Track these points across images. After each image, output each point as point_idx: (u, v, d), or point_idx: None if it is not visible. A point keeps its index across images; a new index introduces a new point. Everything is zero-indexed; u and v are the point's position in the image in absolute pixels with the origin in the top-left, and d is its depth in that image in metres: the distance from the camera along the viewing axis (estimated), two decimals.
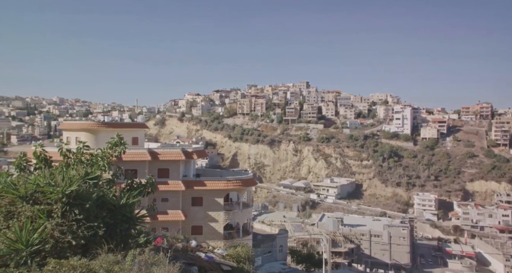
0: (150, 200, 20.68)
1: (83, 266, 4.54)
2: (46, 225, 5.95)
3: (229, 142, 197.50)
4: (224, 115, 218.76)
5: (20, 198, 6.46)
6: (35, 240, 5.48)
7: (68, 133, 42.59)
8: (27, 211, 6.24)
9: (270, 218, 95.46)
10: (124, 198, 8.04)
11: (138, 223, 8.02)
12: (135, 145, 41.10)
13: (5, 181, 7.14)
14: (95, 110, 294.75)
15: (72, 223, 6.22)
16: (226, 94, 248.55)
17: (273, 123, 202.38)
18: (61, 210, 6.28)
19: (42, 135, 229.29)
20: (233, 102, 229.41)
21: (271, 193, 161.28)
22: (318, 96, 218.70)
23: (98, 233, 6.40)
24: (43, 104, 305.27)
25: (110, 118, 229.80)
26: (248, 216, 44.07)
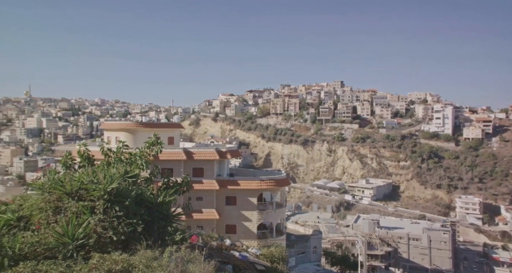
0: (185, 198, 21.14)
1: (124, 261, 4.72)
2: (90, 221, 6.24)
3: (262, 142, 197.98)
4: (257, 115, 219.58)
5: (67, 195, 6.81)
6: (80, 235, 5.77)
7: (109, 133, 44.49)
8: (72, 207, 6.58)
9: (304, 219, 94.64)
10: (161, 196, 8.27)
11: (174, 221, 8.22)
12: (171, 145, 42.19)
13: (53, 178, 7.56)
14: (134, 110, 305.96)
15: (113, 220, 6.48)
16: (259, 94, 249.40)
17: (307, 123, 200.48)
18: (103, 207, 6.57)
19: (85, 134, 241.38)
20: (266, 102, 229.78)
21: (304, 194, 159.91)
22: (353, 95, 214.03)
23: (137, 229, 6.63)
24: (86, 105, 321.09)
25: (148, 118, 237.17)
26: (281, 216, 43.95)
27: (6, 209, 7.38)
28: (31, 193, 8.67)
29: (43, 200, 6.91)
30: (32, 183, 8.17)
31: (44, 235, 5.84)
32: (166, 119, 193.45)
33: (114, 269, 4.52)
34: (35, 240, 5.60)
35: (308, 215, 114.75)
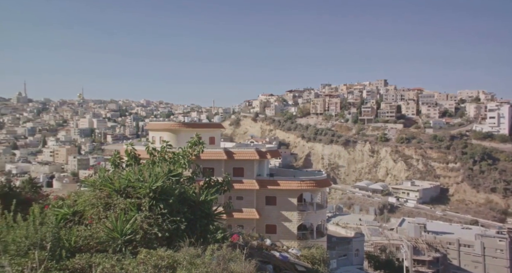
0: (226, 197, 21.41)
1: (170, 257, 4.89)
2: (136, 217, 6.52)
3: (302, 142, 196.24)
4: (297, 115, 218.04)
5: (115, 192, 7.17)
6: (128, 230, 6.05)
7: (153, 133, 46.28)
8: (121, 203, 6.91)
9: (345, 221, 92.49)
10: (203, 195, 8.44)
11: (215, 220, 8.36)
12: (212, 145, 43.04)
13: (103, 176, 8.00)
14: (176, 111, 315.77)
15: (158, 217, 6.72)
16: (299, 94, 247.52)
17: (348, 123, 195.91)
18: (148, 204, 6.84)
19: (131, 134, 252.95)
20: (306, 102, 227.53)
21: (346, 195, 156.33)
22: (397, 94, 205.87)
23: (180, 227, 6.82)
24: (133, 106, 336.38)
25: (190, 118, 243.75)
26: (322, 217, 43.30)
27: (63, 204, 7.91)
28: (84, 190, 9.23)
29: (94, 196, 7.33)
30: (85, 180, 8.69)
31: (95, 229, 6.20)
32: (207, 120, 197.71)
33: (160, 264, 4.69)
34: (88, 234, 5.95)
35: (350, 217, 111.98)
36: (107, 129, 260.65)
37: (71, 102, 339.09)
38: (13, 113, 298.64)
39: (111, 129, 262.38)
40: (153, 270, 4.61)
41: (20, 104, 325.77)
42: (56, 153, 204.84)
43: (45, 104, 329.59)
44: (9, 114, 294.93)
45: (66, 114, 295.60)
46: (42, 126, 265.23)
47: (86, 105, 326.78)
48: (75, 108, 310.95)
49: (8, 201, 6.95)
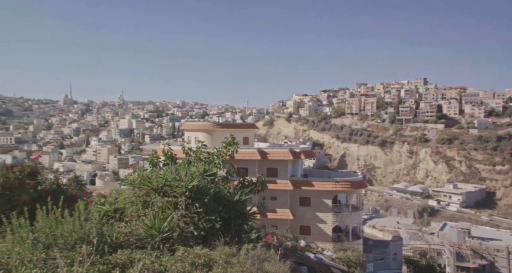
0: (260, 198, 21.41)
1: (206, 255, 4.98)
2: (173, 216, 6.70)
3: (337, 143, 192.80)
4: (332, 115, 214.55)
5: (153, 190, 7.40)
6: (165, 228, 6.23)
7: (189, 133, 47.32)
8: (158, 202, 7.13)
9: (382, 223, 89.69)
10: (237, 194, 8.52)
11: (250, 219, 8.41)
12: (245, 145, 43.30)
13: (142, 174, 8.29)
14: (211, 111, 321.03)
15: (194, 215, 6.86)
16: (334, 93, 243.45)
17: (385, 123, 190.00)
18: (184, 203, 6.99)
19: (168, 135, 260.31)
20: (341, 101, 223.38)
21: (382, 197, 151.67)
22: (437, 93, 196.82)
23: (215, 226, 6.93)
24: (169, 107, 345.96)
25: (224, 119, 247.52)
26: (358, 220, 42.30)
27: (105, 202, 8.30)
28: (124, 188, 9.61)
29: (134, 194, 7.60)
30: (125, 178, 9.04)
31: (135, 226, 6.44)
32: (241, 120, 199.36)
33: (197, 262, 4.78)
34: (128, 230, 6.19)
35: (387, 219, 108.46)
36: (145, 129, 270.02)
37: (112, 103, 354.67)
38: (60, 114, 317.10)
39: (149, 129, 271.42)
40: (190, 267, 4.71)
41: (67, 106, 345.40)
42: (98, 153, 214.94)
43: (89, 106, 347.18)
44: (57, 115, 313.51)
45: (108, 115, 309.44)
46: (86, 127, 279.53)
47: (126, 106, 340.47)
48: (115, 109, 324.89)
49: (57, 197, 7.37)
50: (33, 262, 4.08)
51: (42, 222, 5.89)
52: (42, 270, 3.85)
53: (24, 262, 4.05)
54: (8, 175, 11.97)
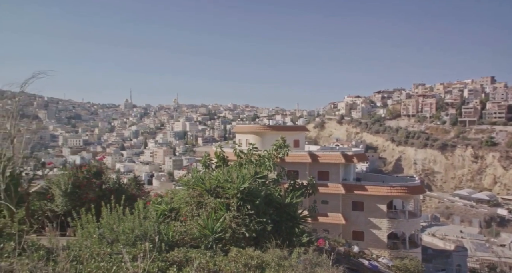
0: (311, 201, 21.09)
1: (259, 257, 5.02)
2: (225, 217, 6.84)
3: (392, 146, 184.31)
4: (386, 117, 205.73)
5: (206, 191, 7.63)
6: (217, 228, 6.39)
7: (240, 136, 48.09)
8: (211, 202, 7.33)
9: (443, 232, 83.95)
10: (288, 197, 8.48)
11: (301, 223, 8.33)
12: (296, 147, 43.01)
13: (196, 176, 8.58)
14: (261, 114, 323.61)
15: (245, 217, 6.95)
16: (388, 95, 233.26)
17: (445, 125, 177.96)
18: (236, 204, 7.11)
19: (219, 137, 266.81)
20: (396, 103, 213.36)
21: (443, 204, 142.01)
22: (508, 92, 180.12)
23: (267, 228, 6.96)
24: (221, 110, 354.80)
25: (274, 121, 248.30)
26: (415, 227, 40.05)
27: (161, 201, 8.71)
28: (179, 188, 10.01)
29: (188, 195, 7.89)
30: (180, 179, 9.42)
31: (189, 226, 6.68)
32: (291, 122, 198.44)
33: (250, 263, 4.83)
34: (183, 229, 6.44)
35: (448, 228, 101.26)
36: (198, 132, 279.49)
37: (168, 107, 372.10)
38: (122, 117, 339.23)
39: (202, 132, 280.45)
40: (244, 268, 4.78)
41: (127, 110, 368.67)
42: (155, 154, 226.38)
43: (146, 109, 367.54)
44: (119, 118, 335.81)
45: (163, 118, 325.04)
46: (144, 129, 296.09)
47: (180, 110, 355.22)
48: (171, 113, 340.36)
49: (119, 196, 7.90)
50: (101, 256, 4.41)
51: (107, 219, 6.34)
52: (108, 264, 4.13)
53: (93, 255, 4.39)
54: (77, 174, 13.05)
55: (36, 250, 3.89)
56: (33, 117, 18.80)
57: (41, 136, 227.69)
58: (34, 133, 14.54)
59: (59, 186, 12.61)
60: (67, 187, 12.50)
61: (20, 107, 12.94)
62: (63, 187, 12.54)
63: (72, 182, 12.70)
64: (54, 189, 12.73)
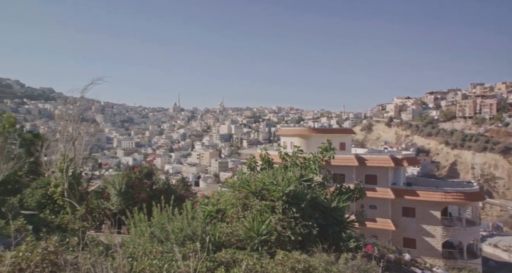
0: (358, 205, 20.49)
1: (305, 261, 4.96)
2: (271, 219, 6.84)
3: (446, 149, 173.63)
4: (440, 118, 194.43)
5: (252, 193, 7.68)
6: (263, 231, 6.41)
7: (285, 138, 47.97)
8: (257, 205, 7.36)
9: (507, 243, 77.40)
10: (334, 201, 8.31)
11: (348, 227, 8.11)
12: (342, 150, 42.05)
13: (241, 178, 8.68)
14: (306, 116, 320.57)
15: (291, 220, 6.90)
16: (442, 95, 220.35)
17: (508, 127, 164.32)
18: (281, 207, 7.09)
19: (264, 140, 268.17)
20: (451, 104, 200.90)
21: (506, 212, 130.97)
22: None
23: (313, 232, 6.85)
24: (265, 112, 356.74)
25: (319, 124, 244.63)
26: (474, 236, 37.35)
27: (208, 202, 8.92)
28: (225, 190, 10.18)
29: (234, 197, 8.00)
30: (225, 181, 9.59)
31: (235, 227, 6.76)
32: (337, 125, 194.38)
33: (297, 267, 4.79)
34: (229, 231, 6.54)
35: None
36: (243, 134, 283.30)
37: (214, 110, 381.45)
38: (170, 121, 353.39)
39: (247, 134, 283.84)
40: (290, 272, 4.74)
41: (175, 113, 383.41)
42: (202, 156, 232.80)
43: (193, 113, 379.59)
44: (167, 121, 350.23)
45: (209, 121, 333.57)
46: (191, 132, 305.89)
47: (226, 113, 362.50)
48: (216, 116, 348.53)
49: (168, 196, 8.22)
50: (153, 254, 4.61)
51: (157, 218, 6.61)
52: (160, 261, 4.31)
53: (146, 252, 4.61)
54: (130, 175, 13.80)
55: (96, 246, 4.17)
56: (91, 120, 20.13)
57: (98, 138, 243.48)
58: (92, 136, 15.60)
59: (114, 186, 13.41)
60: (121, 187, 13.26)
61: (80, 112, 13.97)
62: (117, 187, 13.32)
63: (126, 182, 13.45)
64: (110, 189, 13.56)
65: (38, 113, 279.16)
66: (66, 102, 18.02)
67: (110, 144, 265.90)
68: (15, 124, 21.68)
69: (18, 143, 20.94)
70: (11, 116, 22.06)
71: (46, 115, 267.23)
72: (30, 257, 3.21)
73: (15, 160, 14.12)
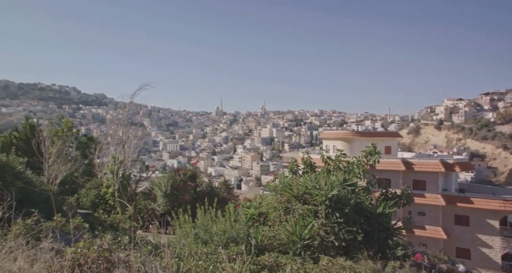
0: (405, 212, 19.63)
1: (351, 268, 4.85)
2: (314, 224, 6.76)
3: (504, 154, 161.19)
4: (497, 121, 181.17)
5: (294, 197, 7.64)
6: (306, 235, 6.34)
7: (327, 142, 47.20)
8: (299, 209, 7.31)
9: None
10: (380, 207, 8.03)
11: (395, 234, 7.81)
12: (388, 154, 40.57)
13: (283, 181, 8.67)
14: (349, 120, 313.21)
15: (334, 225, 6.77)
16: (499, 96, 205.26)
17: None
18: (324, 212, 6.97)
19: (306, 143, 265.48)
20: (509, 105, 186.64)
21: None
22: None
23: (357, 238, 6.67)
24: (307, 116, 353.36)
25: (363, 127, 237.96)
26: None
27: (250, 205, 9.00)
28: (267, 193, 10.21)
29: (276, 200, 8.01)
30: (267, 185, 9.62)
31: (277, 231, 6.76)
32: (382, 128, 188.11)
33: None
34: (271, 234, 6.55)
35: None
36: (284, 138, 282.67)
37: (255, 113, 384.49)
38: (213, 124, 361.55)
39: (288, 138, 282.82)
40: None
41: (218, 117, 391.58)
42: (244, 159, 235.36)
43: (235, 116, 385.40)
44: (210, 125, 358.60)
45: (251, 125, 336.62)
46: (233, 135, 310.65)
47: (267, 116, 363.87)
48: (258, 119, 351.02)
49: (211, 198, 8.39)
50: (198, 254, 4.74)
51: (201, 220, 6.78)
52: (206, 263, 4.41)
53: (191, 253, 4.75)
54: (175, 177, 14.30)
55: (145, 245, 4.37)
56: (139, 124, 21.13)
57: (146, 141, 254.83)
58: (140, 139, 16.30)
59: (160, 187, 13.96)
60: (167, 188, 13.77)
61: (130, 116, 14.71)
62: (163, 188, 13.85)
63: (171, 184, 13.96)
64: (156, 190, 14.13)
65: (92, 117, 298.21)
66: (116, 107, 19.06)
67: (156, 147, 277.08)
68: (72, 128, 23.32)
69: (75, 146, 22.45)
70: (69, 121, 23.77)
71: (99, 120, 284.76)
72: (87, 253, 3.44)
73: (72, 161, 15.15)
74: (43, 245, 3.49)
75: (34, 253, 3.40)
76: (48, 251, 3.43)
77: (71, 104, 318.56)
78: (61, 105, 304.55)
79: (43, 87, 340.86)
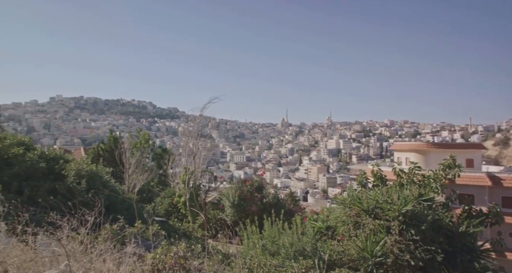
0: (494, 232, 17.68)
1: None
2: (386, 240, 6.39)
3: None
4: None
5: (364, 211, 7.32)
6: (378, 252, 6.01)
7: (399, 154, 44.57)
8: (369, 224, 6.98)
9: None
10: (463, 225, 7.35)
11: (482, 257, 7.05)
12: (470, 168, 37.03)
13: (352, 195, 8.37)
14: (423, 130, 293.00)
15: (409, 243, 6.33)
16: None
17: None
18: (398, 228, 6.57)
19: (375, 155, 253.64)
20: None
21: None
22: None
23: (436, 258, 6.15)
24: (376, 126, 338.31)
25: (440, 138, 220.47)
26: None
27: (317, 218, 8.82)
28: (335, 207, 9.94)
29: (345, 214, 7.74)
30: (335, 197, 9.36)
31: (347, 246, 6.51)
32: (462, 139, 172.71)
33: None
34: (340, 249, 6.33)
35: None
36: (352, 149, 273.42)
37: (321, 125, 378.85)
38: (278, 136, 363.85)
39: (356, 149, 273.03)
40: None
41: (283, 128, 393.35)
42: (310, 171, 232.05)
43: (301, 128, 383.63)
44: (276, 136, 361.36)
45: (317, 136, 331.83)
46: (299, 147, 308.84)
47: (334, 127, 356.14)
48: (324, 130, 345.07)
49: (278, 210, 8.40)
50: (267, 267, 4.77)
51: (268, 231, 6.81)
52: None
53: (261, 265, 4.80)
54: (242, 188, 14.62)
55: (216, 254, 4.53)
56: (208, 136, 22.07)
57: (214, 153, 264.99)
58: (209, 151, 16.99)
59: (228, 198, 14.36)
60: (235, 199, 14.12)
61: (199, 128, 15.47)
62: (231, 199, 14.23)
63: (238, 195, 14.28)
64: (224, 201, 14.56)
65: (166, 130, 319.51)
66: (187, 120, 20.20)
67: (223, 158, 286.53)
68: (149, 140, 25.23)
69: (151, 157, 24.22)
70: (146, 134, 25.79)
71: (171, 132, 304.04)
72: (165, 259, 3.68)
73: (148, 172, 16.33)
74: (127, 249, 3.80)
75: (119, 257, 3.73)
76: (132, 255, 3.73)
77: (147, 117, 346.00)
78: (139, 119, 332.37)
79: (124, 103, 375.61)
